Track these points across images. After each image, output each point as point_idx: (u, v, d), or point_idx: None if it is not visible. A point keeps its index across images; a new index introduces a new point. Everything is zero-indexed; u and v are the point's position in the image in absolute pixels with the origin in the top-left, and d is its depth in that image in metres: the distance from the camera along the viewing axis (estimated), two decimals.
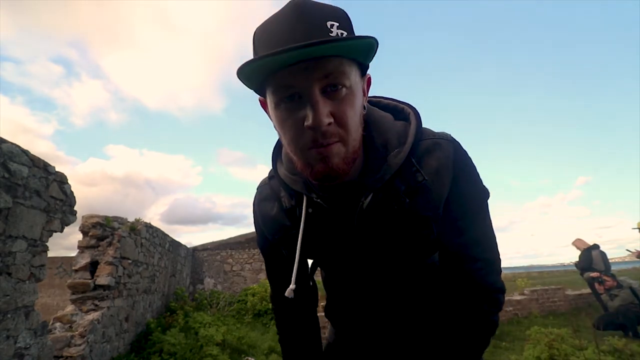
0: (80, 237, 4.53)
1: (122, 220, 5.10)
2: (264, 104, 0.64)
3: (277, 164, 0.75)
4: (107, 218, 4.68)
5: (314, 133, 0.54)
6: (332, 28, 0.52)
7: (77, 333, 3.64)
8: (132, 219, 5.44)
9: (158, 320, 5.90)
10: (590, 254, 5.66)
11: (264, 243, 0.85)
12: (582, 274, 5.74)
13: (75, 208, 3.31)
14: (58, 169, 3.09)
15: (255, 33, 0.58)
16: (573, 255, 6.71)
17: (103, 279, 4.23)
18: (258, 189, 0.84)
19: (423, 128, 0.69)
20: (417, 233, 0.67)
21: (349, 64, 0.55)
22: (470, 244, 0.69)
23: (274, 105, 0.57)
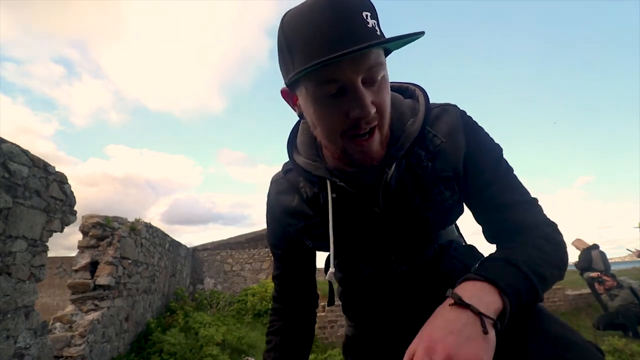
0: (80, 237, 4.53)
1: (122, 220, 5.10)
2: (289, 95, 0.64)
3: (293, 155, 0.75)
4: (107, 218, 4.68)
5: (358, 122, 0.56)
6: (367, 19, 0.53)
7: (77, 333, 3.64)
8: (132, 219, 5.44)
9: (158, 320, 5.89)
10: (590, 254, 5.66)
11: (280, 237, 0.83)
12: (582, 274, 5.74)
13: (76, 208, 3.31)
14: (59, 169, 3.10)
15: (287, 23, 0.57)
16: (573, 256, 6.73)
17: (103, 279, 4.23)
18: (273, 183, 0.83)
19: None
20: (440, 195, 0.68)
21: (382, 54, 0.56)
22: (503, 192, 0.68)
23: (313, 98, 0.57)
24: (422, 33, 0.52)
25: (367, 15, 0.53)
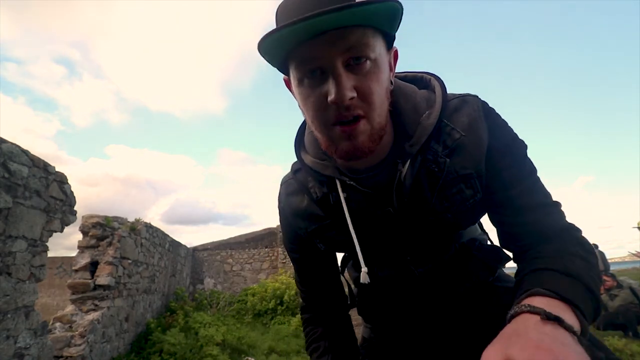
0: (80, 237, 4.53)
1: (122, 220, 5.10)
2: (288, 83, 0.62)
3: (301, 155, 0.72)
4: (107, 218, 4.68)
5: (338, 108, 0.52)
6: None
7: (77, 333, 3.64)
8: (132, 219, 5.45)
9: (158, 320, 5.89)
10: None
11: (294, 240, 0.80)
12: None
13: (76, 208, 3.31)
14: (60, 169, 3.10)
15: (277, 9, 0.56)
16: None
17: (103, 279, 4.23)
18: (283, 185, 0.79)
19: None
20: (461, 195, 0.63)
21: (373, 35, 0.52)
22: (525, 194, 0.63)
23: (297, 82, 0.55)
24: (395, 0, 0.48)
25: None
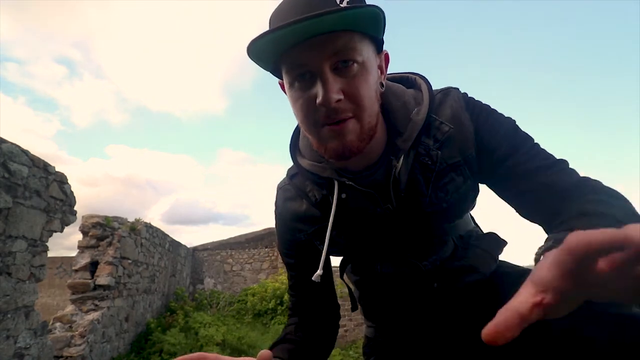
0: (80, 237, 4.53)
1: (122, 220, 5.10)
2: (283, 87, 0.63)
3: (297, 159, 0.73)
4: (107, 218, 4.69)
5: (326, 110, 0.54)
6: (342, 4, 0.51)
7: (77, 333, 3.64)
8: (133, 219, 5.45)
9: (158, 320, 5.90)
10: None
11: (292, 245, 0.80)
12: None
13: (76, 208, 3.31)
14: (60, 169, 3.10)
15: (271, 15, 0.58)
16: None
17: (103, 279, 4.24)
18: (279, 191, 0.80)
19: None
20: (453, 183, 0.66)
21: (360, 39, 0.54)
22: (526, 159, 0.61)
23: (289, 85, 0.57)
24: (374, 6, 0.50)
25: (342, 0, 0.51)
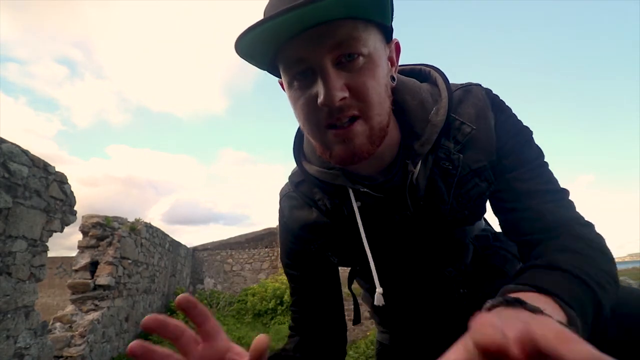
0: (80, 237, 4.53)
1: (122, 220, 5.10)
2: (281, 84, 0.58)
3: (302, 164, 0.67)
4: (107, 218, 4.68)
5: (329, 110, 0.48)
6: None
7: (77, 333, 3.64)
8: (133, 219, 5.45)
9: None
10: None
11: (299, 256, 0.74)
12: None
13: (77, 208, 3.31)
14: (60, 169, 3.10)
15: (264, 10, 0.53)
16: None
17: (103, 279, 4.24)
18: (284, 198, 0.74)
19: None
20: (477, 189, 0.61)
21: (365, 28, 0.47)
22: (527, 179, 0.58)
23: (288, 85, 0.52)
24: None
25: None
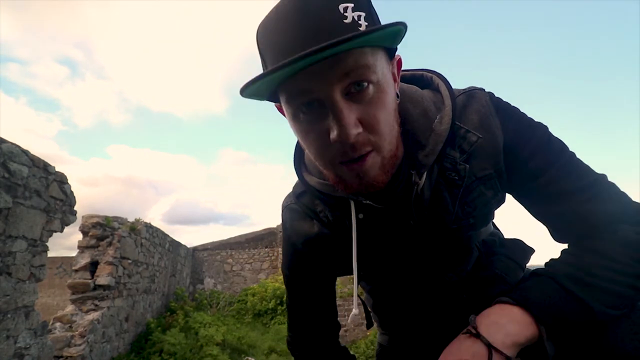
0: (80, 237, 4.53)
1: (122, 220, 5.10)
2: (281, 109, 0.56)
3: (304, 176, 0.66)
4: (107, 218, 4.68)
5: (343, 146, 0.47)
6: (346, 12, 0.43)
7: (77, 333, 3.64)
8: (133, 219, 5.45)
9: (158, 320, 5.90)
10: None
11: (302, 268, 0.75)
12: None
13: (77, 208, 3.31)
14: (61, 169, 3.11)
15: (258, 32, 0.50)
16: None
17: (103, 279, 4.23)
18: (286, 210, 0.74)
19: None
20: (482, 197, 0.60)
21: (373, 53, 0.46)
22: (559, 178, 0.56)
23: (292, 116, 0.50)
24: (402, 23, 0.44)
25: (345, 8, 0.43)
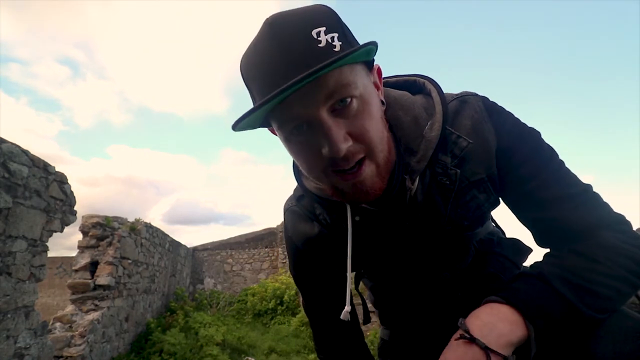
0: (80, 237, 4.53)
1: (122, 220, 5.10)
2: (273, 131, 0.58)
3: (302, 180, 0.69)
4: (107, 218, 4.68)
5: (334, 159, 0.49)
6: (319, 37, 0.46)
7: (77, 333, 3.64)
8: (133, 219, 5.45)
9: (158, 320, 5.89)
10: None
11: (306, 268, 0.78)
12: None
13: (77, 208, 3.31)
14: (62, 169, 3.11)
15: (241, 67, 0.53)
16: None
17: (103, 279, 4.23)
18: (287, 212, 0.76)
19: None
20: (475, 201, 0.61)
21: (352, 70, 0.48)
22: (546, 185, 0.57)
23: (284, 139, 0.53)
24: (373, 43, 0.47)
25: (318, 33, 0.46)
